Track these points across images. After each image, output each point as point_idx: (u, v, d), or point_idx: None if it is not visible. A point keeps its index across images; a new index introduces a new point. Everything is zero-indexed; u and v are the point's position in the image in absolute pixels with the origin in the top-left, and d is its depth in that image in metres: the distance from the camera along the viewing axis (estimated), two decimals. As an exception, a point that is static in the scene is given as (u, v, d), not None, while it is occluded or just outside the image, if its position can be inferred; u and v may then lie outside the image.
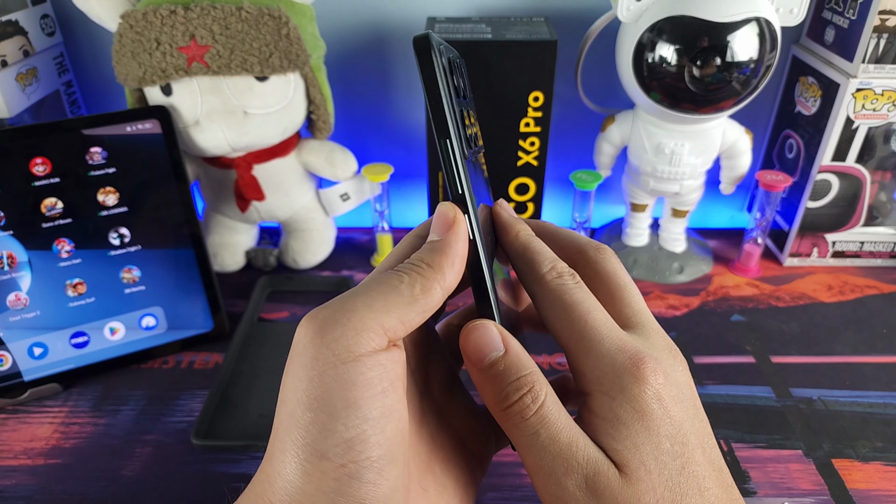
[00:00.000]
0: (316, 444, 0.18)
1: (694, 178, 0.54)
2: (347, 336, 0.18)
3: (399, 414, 0.19)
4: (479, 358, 0.22)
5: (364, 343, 0.19)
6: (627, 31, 0.48)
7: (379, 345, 0.19)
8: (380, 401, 0.19)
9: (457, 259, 0.21)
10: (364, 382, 0.18)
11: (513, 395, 0.21)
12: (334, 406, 0.18)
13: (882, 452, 0.40)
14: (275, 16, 0.45)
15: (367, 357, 0.18)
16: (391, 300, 0.19)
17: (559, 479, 0.21)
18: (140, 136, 0.46)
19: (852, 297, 0.55)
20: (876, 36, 0.48)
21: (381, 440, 0.18)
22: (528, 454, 0.21)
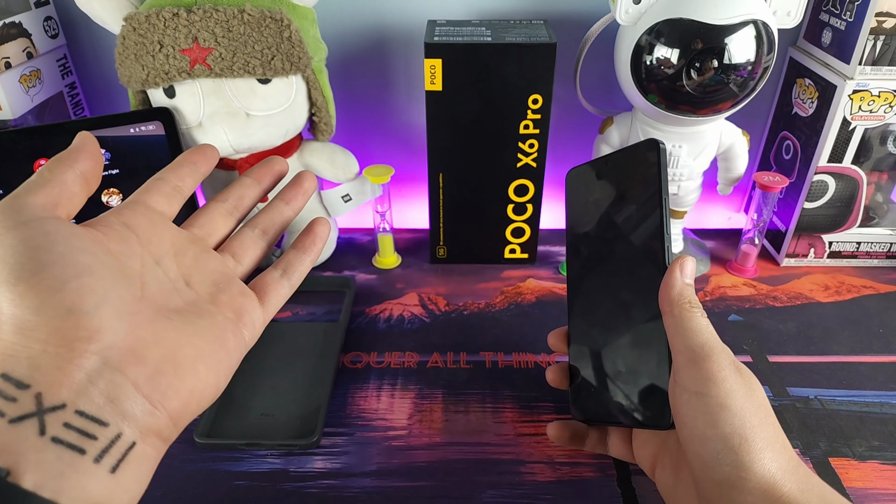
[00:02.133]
0: (10, 276, 0.21)
1: (691, 180, 0.55)
2: (7, 213, 0.23)
3: (94, 252, 0.23)
4: (688, 276, 0.32)
5: (21, 214, 0.22)
6: (626, 34, 0.49)
7: (38, 213, 0.23)
8: (64, 242, 0.22)
9: (74, 150, 0.26)
10: (40, 234, 0.22)
11: (694, 306, 0.31)
12: (17, 251, 0.21)
13: (879, 451, 0.41)
14: (277, 18, 0.46)
15: (31, 221, 0.22)
16: (27, 187, 0.24)
17: (718, 354, 0.29)
18: (143, 138, 0.47)
19: (849, 296, 0.56)
20: (873, 38, 0.48)
21: (73, 262, 0.22)
22: (695, 335, 0.30)
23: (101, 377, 0.21)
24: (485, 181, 0.56)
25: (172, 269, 0.27)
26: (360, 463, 0.40)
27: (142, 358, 0.22)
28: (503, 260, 0.61)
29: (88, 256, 0.23)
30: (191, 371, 0.24)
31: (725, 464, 0.27)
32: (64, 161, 0.25)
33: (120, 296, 0.23)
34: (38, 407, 0.19)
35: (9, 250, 0.21)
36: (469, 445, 0.42)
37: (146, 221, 0.27)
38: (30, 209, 0.23)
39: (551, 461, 0.40)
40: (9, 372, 0.20)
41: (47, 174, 0.24)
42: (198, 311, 0.26)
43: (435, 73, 0.50)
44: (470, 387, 0.46)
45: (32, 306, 0.21)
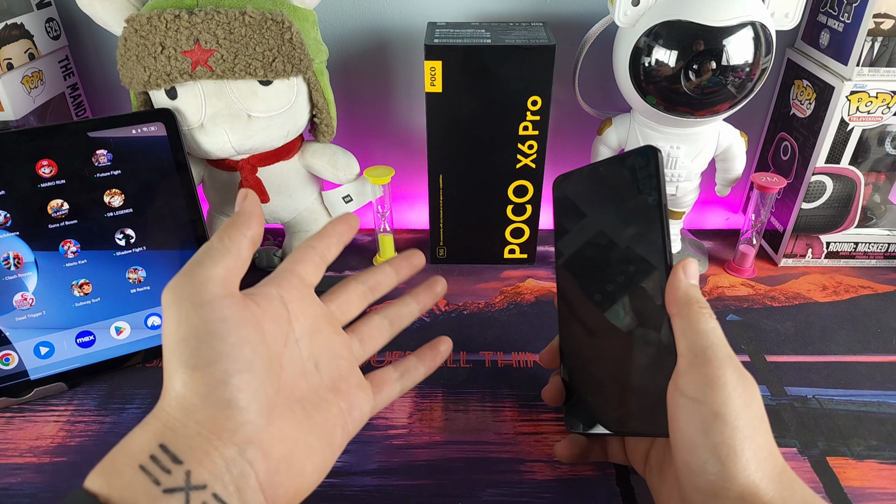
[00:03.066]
0: (189, 361, 0.24)
1: (690, 181, 0.55)
2: (196, 287, 0.25)
3: (257, 344, 0.26)
4: (692, 278, 0.31)
5: (206, 291, 0.25)
6: (624, 36, 0.49)
7: (221, 291, 0.25)
8: (235, 332, 0.25)
9: (248, 216, 0.28)
10: (218, 318, 0.24)
11: (702, 308, 0.31)
12: (199, 335, 0.24)
13: (876, 451, 0.41)
14: (278, 20, 0.46)
15: (213, 301, 0.25)
16: (211, 256, 0.26)
17: (723, 359, 0.29)
18: (145, 139, 0.47)
19: (847, 297, 0.56)
20: (870, 39, 0.49)
21: (240, 357, 0.24)
22: (702, 336, 0.29)
23: (235, 466, 0.24)
24: (484, 182, 0.56)
25: (307, 349, 0.29)
26: (361, 461, 0.41)
27: (268, 454, 0.25)
28: (503, 260, 0.61)
29: (251, 349, 0.25)
30: (300, 470, 0.26)
31: (711, 473, 0.27)
32: (240, 228, 0.27)
33: (266, 392, 0.25)
34: (186, 483, 0.22)
35: (192, 331, 0.24)
36: (469, 444, 0.42)
37: (297, 295, 0.30)
38: (212, 285, 0.25)
39: (551, 460, 0.41)
40: (168, 444, 0.23)
41: (228, 242, 0.27)
42: (317, 400, 0.29)
43: (435, 75, 0.50)
44: (470, 386, 0.47)
45: (200, 393, 0.24)
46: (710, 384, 0.28)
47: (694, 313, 0.30)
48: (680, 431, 0.29)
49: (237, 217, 0.28)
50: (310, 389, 0.29)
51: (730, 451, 0.27)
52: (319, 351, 0.30)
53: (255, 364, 0.25)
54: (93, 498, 0.22)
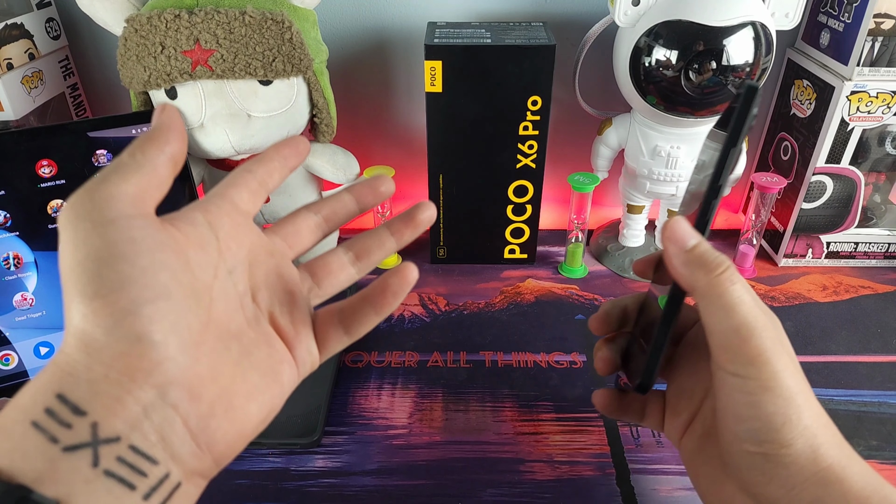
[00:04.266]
0: (88, 287, 0.20)
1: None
2: (98, 204, 0.21)
3: (174, 269, 0.21)
4: (683, 242, 0.27)
5: (110, 209, 0.21)
6: (624, 36, 0.49)
7: (129, 210, 0.21)
8: (147, 254, 0.21)
9: (165, 129, 0.23)
10: (125, 239, 0.20)
11: (723, 264, 0.26)
12: (100, 257, 0.20)
13: (877, 451, 0.41)
14: (278, 20, 0.46)
15: (119, 220, 0.21)
16: (119, 170, 0.22)
17: (761, 332, 0.26)
18: (145, 139, 0.47)
19: (847, 297, 0.56)
20: (871, 39, 0.49)
21: (153, 283, 0.20)
22: (732, 314, 0.26)
23: (155, 412, 0.20)
24: (484, 182, 0.56)
25: (242, 281, 0.25)
26: (361, 461, 0.41)
27: (197, 396, 0.21)
28: (503, 260, 0.61)
29: (168, 275, 0.21)
30: (242, 412, 0.23)
31: (765, 441, 0.26)
32: (155, 141, 0.23)
33: (189, 324, 0.21)
34: (93, 437, 0.19)
35: (91, 253, 0.20)
36: (469, 444, 0.42)
37: (230, 222, 0.25)
38: (119, 202, 0.21)
39: (551, 460, 0.41)
40: (66, 393, 0.19)
41: (140, 157, 0.22)
42: (257, 335, 0.25)
43: (435, 75, 0.50)
44: (470, 386, 0.47)
45: (104, 326, 0.19)
46: (752, 362, 0.26)
47: (712, 287, 0.26)
48: (722, 402, 0.27)
49: (152, 130, 0.23)
50: (247, 324, 0.25)
51: (785, 419, 0.25)
52: (258, 283, 0.26)
53: (174, 292, 0.21)
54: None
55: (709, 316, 0.27)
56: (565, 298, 0.56)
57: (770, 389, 0.26)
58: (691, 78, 0.46)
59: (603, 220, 0.68)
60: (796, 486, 0.25)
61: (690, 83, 0.46)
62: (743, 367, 0.26)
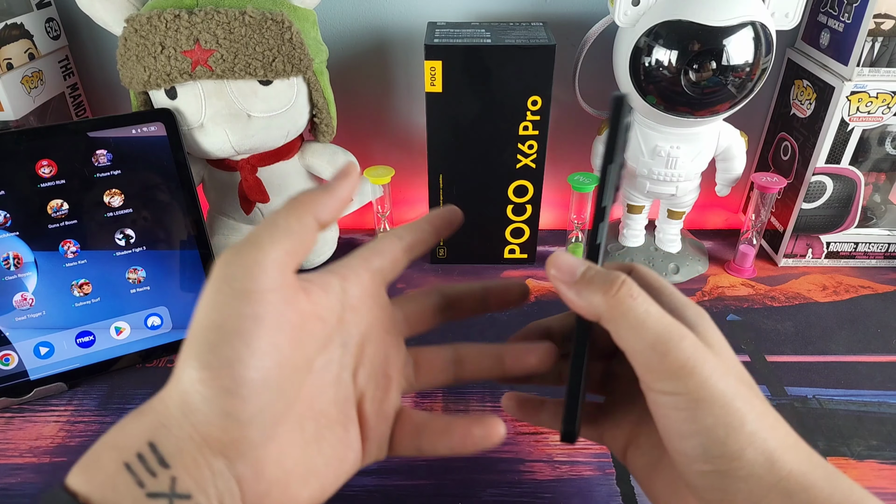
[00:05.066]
0: (203, 357, 0.21)
1: (690, 181, 0.55)
2: (243, 271, 0.22)
3: (286, 353, 0.22)
4: (571, 272, 0.25)
5: (254, 278, 0.21)
6: (624, 36, 0.49)
7: (268, 282, 0.22)
8: (266, 336, 0.21)
9: (328, 195, 0.24)
10: (251, 315, 0.21)
11: (616, 282, 0.24)
12: (225, 330, 0.21)
13: (877, 451, 0.41)
14: (278, 20, 0.46)
15: (256, 293, 0.21)
16: (273, 234, 0.22)
17: (678, 343, 0.24)
18: (145, 139, 0.47)
19: (847, 297, 0.56)
20: (871, 39, 0.49)
21: (260, 366, 0.21)
22: (641, 331, 0.24)
23: (221, 481, 0.21)
24: (484, 182, 0.56)
25: (351, 356, 0.26)
26: (361, 462, 0.41)
27: (259, 474, 0.22)
28: (503, 260, 0.61)
29: (276, 358, 0.22)
30: (294, 496, 0.23)
31: (713, 456, 0.23)
32: (309, 208, 0.23)
33: (276, 408, 0.22)
34: (171, 490, 0.20)
35: (216, 325, 0.21)
36: (469, 444, 0.42)
37: (362, 293, 0.26)
38: (263, 271, 0.22)
39: (550, 460, 0.41)
40: (157, 444, 0.21)
41: (295, 223, 0.23)
42: (340, 416, 0.25)
43: (435, 75, 0.50)
44: (470, 386, 0.47)
45: (203, 395, 0.21)
46: (676, 376, 0.23)
47: (613, 308, 0.24)
48: (660, 422, 0.25)
49: (316, 194, 0.24)
50: (336, 402, 0.25)
51: (727, 429, 0.23)
52: (365, 360, 0.26)
53: (274, 377, 0.22)
54: (72, 497, 0.20)
55: (621, 339, 0.25)
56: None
57: (702, 400, 0.23)
58: (691, 78, 0.46)
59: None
60: (760, 501, 0.23)
61: (690, 83, 0.46)
62: (669, 383, 0.24)
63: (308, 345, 0.23)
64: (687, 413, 0.24)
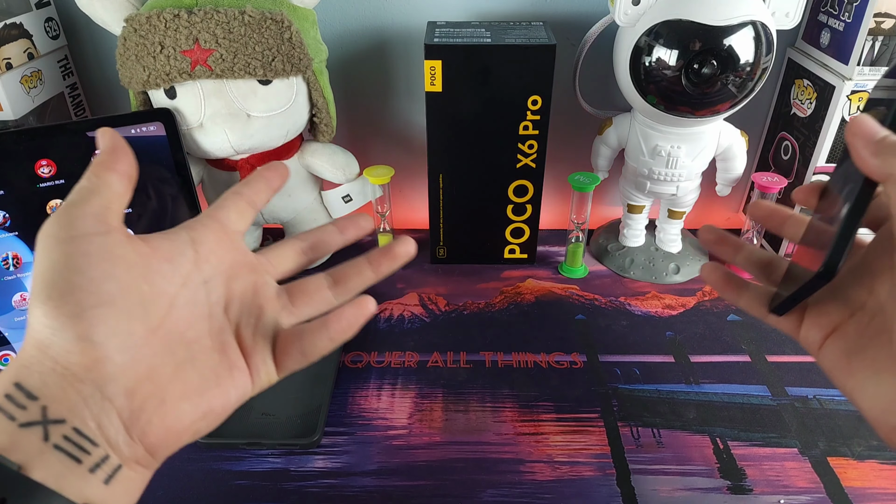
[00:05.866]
0: (45, 293, 0.23)
1: (690, 180, 0.55)
2: (62, 224, 0.24)
3: (123, 279, 0.25)
4: (872, 134, 0.26)
5: (73, 227, 0.24)
6: (625, 35, 0.49)
7: (91, 228, 0.24)
8: (97, 265, 0.24)
9: (111, 150, 0.27)
10: (80, 252, 0.24)
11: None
12: (56, 268, 0.24)
13: (877, 451, 0.41)
14: (277, 20, 0.46)
15: (79, 237, 0.24)
16: (80, 194, 0.25)
17: None
18: (144, 139, 0.47)
19: (848, 297, 0.56)
20: (871, 38, 0.49)
21: (98, 290, 0.24)
22: None
23: (94, 403, 0.23)
24: (484, 182, 0.56)
25: (217, 292, 0.28)
26: (361, 462, 0.41)
27: (131, 393, 0.24)
28: (503, 260, 0.61)
29: (115, 284, 0.24)
30: (173, 409, 0.25)
31: None
32: (105, 164, 0.26)
33: (131, 329, 0.24)
34: (43, 417, 0.22)
35: (50, 266, 0.24)
36: (469, 444, 0.42)
37: (213, 238, 0.29)
38: (82, 222, 0.25)
39: (551, 460, 0.41)
40: (21, 382, 0.23)
41: (95, 180, 0.26)
42: (213, 343, 0.27)
43: (435, 75, 0.50)
44: (470, 386, 0.47)
45: (51, 327, 0.23)
46: None
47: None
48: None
49: (100, 155, 0.27)
50: (210, 332, 0.28)
51: None
52: (233, 295, 0.29)
53: (119, 300, 0.24)
54: None
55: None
56: (565, 298, 0.56)
57: None
58: (691, 77, 0.46)
59: (603, 220, 0.68)
60: None
61: (691, 83, 0.46)
62: None
63: (158, 280, 0.26)
64: None
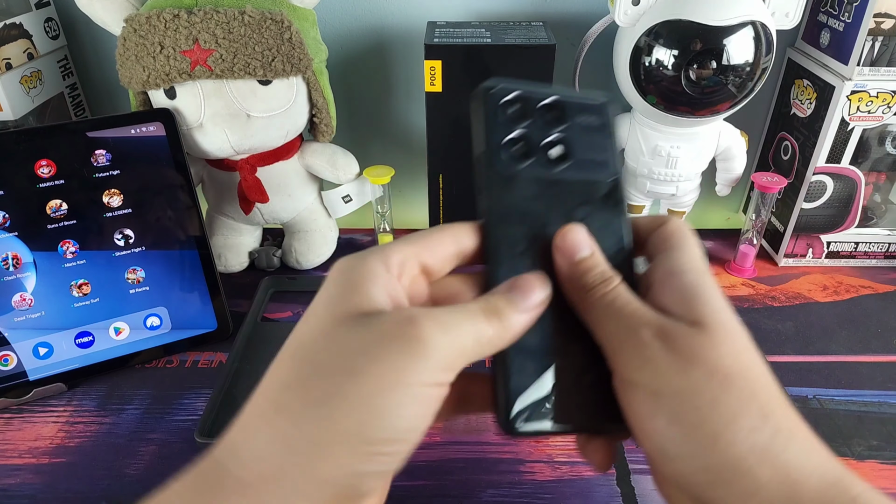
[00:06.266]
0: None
1: (690, 180, 0.55)
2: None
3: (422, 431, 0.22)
4: (573, 253, 0.25)
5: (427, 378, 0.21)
6: (625, 35, 0.49)
7: (442, 380, 0.22)
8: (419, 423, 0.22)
9: (521, 329, 0.24)
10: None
11: (596, 281, 0.24)
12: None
13: (877, 451, 0.41)
14: (277, 20, 0.46)
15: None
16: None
17: (636, 332, 0.23)
18: (144, 139, 0.47)
19: (847, 297, 0.56)
20: (871, 39, 0.48)
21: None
22: (607, 321, 0.24)
23: None
24: (484, 182, 0.56)
25: None
26: (361, 462, 0.40)
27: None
28: (503, 260, 0.61)
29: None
30: None
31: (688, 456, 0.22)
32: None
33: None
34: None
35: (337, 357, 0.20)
36: (469, 444, 0.42)
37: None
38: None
39: (551, 460, 0.40)
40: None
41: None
42: None
43: (435, 75, 0.50)
44: (470, 387, 0.46)
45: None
46: (640, 367, 0.22)
47: (587, 301, 0.24)
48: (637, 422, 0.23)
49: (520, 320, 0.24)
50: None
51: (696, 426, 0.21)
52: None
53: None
54: None
55: (594, 330, 0.24)
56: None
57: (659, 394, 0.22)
58: (691, 77, 0.46)
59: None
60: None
61: (691, 83, 0.46)
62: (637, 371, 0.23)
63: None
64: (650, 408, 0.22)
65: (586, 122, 0.28)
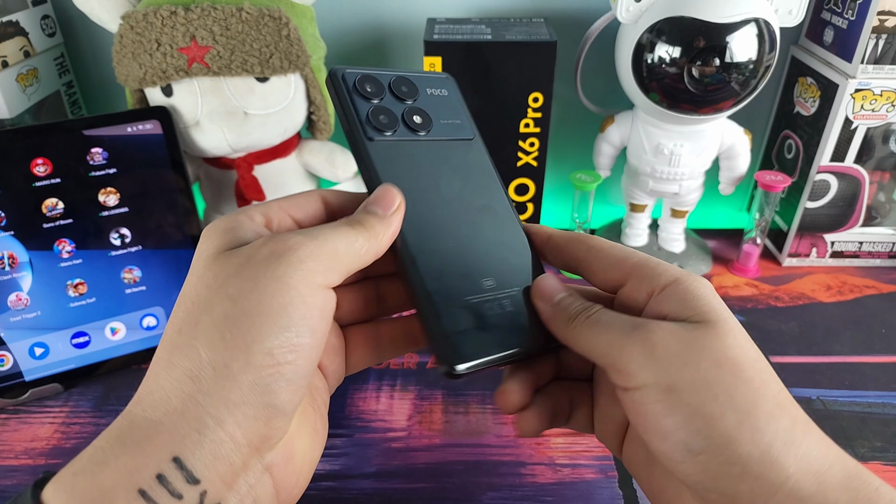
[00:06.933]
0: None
1: (693, 179, 0.55)
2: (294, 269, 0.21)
3: (320, 345, 0.22)
4: (551, 296, 0.26)
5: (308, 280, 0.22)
6: (627, 32, 0.48)
7: (322, 282, 0.22)
8: (314, 328, 0.22)
9: (390, 234, 0.25)
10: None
11: (579, 309, 0.25)
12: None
13: (881, 452, 0.41)
14: (275, 17, 0.45)
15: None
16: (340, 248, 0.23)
17: (637, 332, 0.23)
18: (141, 137, 0.46)
19: (851, 297, 0.55)
20: (875, 36, 0.48)
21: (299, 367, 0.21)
22: (598, 336, 0.24)
23: (252, 475, 0.20)
24: (485, 180, 0.55)
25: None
26: (360, 464, 0.40)
27: (290, 457, 0.22)
28: (503, 260, 0.60)
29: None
30: (305, 474, 0.24)
31: (698, 452, 0.21)
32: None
33: (304, 399, 0.23)
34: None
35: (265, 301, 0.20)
36: (469, 447, 0.41)
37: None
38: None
39: (552, 462, 0.40)
40: (184, 459, 0.19)
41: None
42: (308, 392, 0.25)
43: (435, 72, 0.50)
44: (470, 387, 0.46)
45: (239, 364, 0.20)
46: (631, 375, 0.22)
47: (569, 333, 0.25)
48: (640, 422, 0.23)
49: (385, 225, 0.25)
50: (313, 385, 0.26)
51: (707, 419, 0.21)
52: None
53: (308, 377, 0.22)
54: None
55: (582, 353, 0.25)
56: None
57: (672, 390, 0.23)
58: (694, 75, 0.46)
59: (605, 219, 0.68)
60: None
61: (693, 80, 0.46)
62: (627, 379, 0.23)
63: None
64: (657, 407, 0.22)
65: (436, 93, 0.31)
